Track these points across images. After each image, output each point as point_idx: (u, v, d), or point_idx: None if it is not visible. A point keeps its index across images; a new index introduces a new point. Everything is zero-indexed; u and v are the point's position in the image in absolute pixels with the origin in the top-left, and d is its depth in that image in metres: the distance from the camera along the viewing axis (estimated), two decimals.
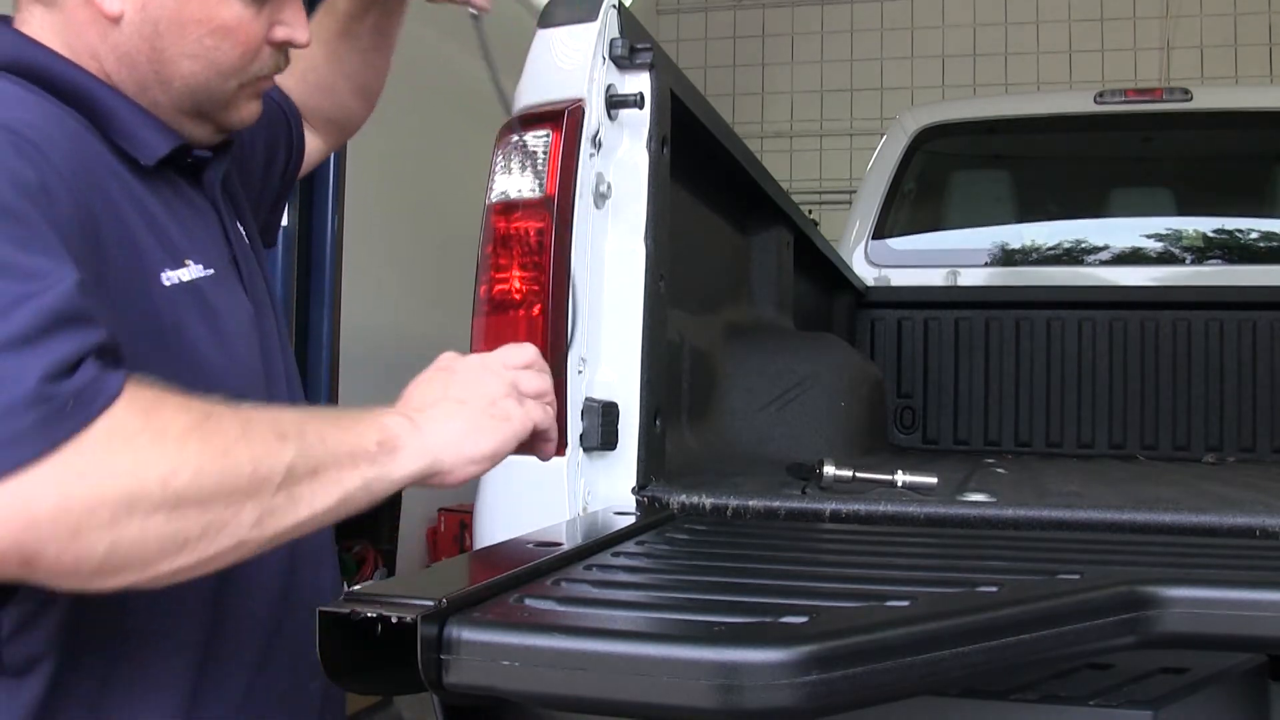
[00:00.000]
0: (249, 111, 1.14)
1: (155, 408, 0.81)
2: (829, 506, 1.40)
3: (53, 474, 0.75)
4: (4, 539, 0.74)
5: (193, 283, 1.05)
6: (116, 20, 1.02)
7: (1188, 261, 3.56)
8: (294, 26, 1.12)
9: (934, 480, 1.57)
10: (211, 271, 1.08)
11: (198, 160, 1.13)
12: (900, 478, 1.58)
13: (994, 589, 0.94)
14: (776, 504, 1.40)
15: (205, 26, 1.05)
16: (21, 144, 0.89)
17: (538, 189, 1.38)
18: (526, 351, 1.06)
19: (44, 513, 0.75)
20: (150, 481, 0.78)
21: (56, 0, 1.03)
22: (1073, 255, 3.64)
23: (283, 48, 1.13)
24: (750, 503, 1.39)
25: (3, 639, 0.94)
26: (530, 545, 1.07)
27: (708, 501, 1.39)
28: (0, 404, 0.75)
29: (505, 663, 0.78)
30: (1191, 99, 3.64)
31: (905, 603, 0.88)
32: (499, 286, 1.38)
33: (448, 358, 1.03)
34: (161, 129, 1.08)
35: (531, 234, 1.37)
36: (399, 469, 0.92)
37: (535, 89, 1.43)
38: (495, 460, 0.98)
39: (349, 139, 1.55)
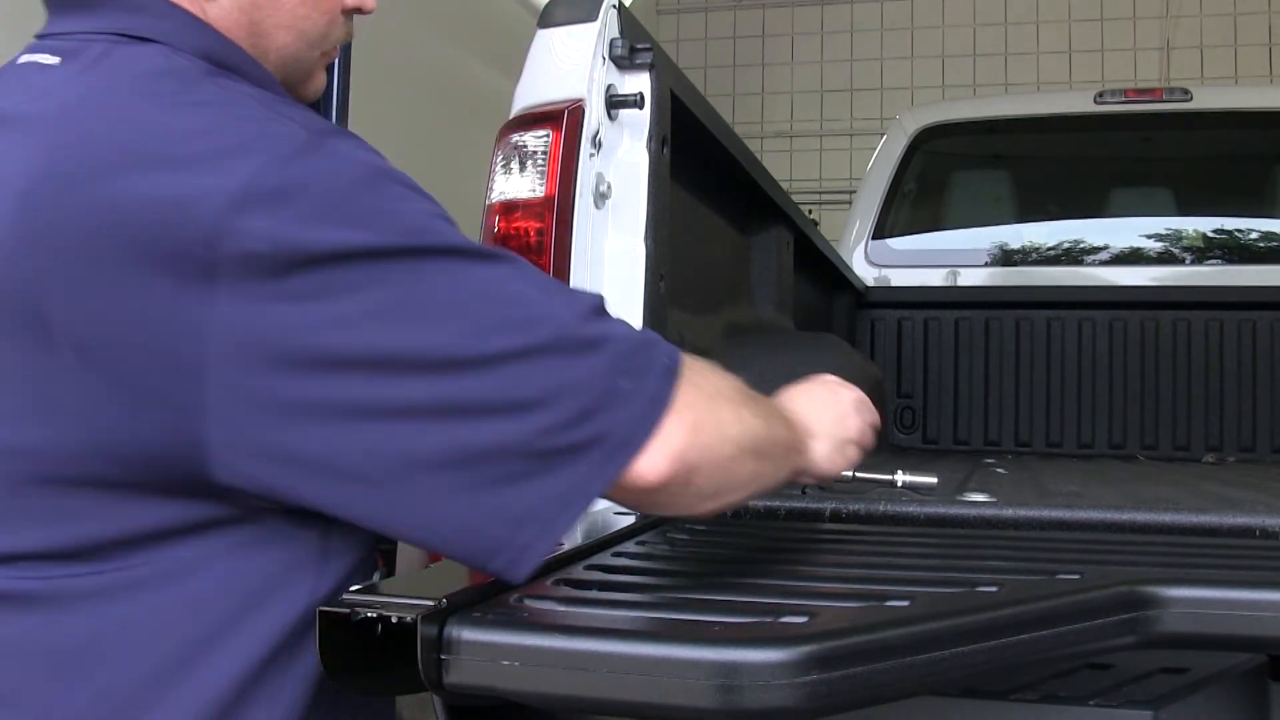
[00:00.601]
0: (321, 82, 1.13)
1: (714, 372, 0.96)
2: (829, 506, 1.40)
3: (706, 415, 0.89)
4: (686, 455, 0.86)
5: None
6: None
7: (1188, 261, 3.56)
8: None
9: (934, 480, 1.57)
10: None
11: None
12: (900, 478, 1.57)
13: (994, 589, 0.94)
14: (776, 504, 1.40)
15: None
16: None
17: (538, 189, 1.38)
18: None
19: (711, 443, 0.89)
20: (748, 432, 0.94)
21: None
22: (1072, 255, 3.64)
23: (350, 15, 1.12)
24: (750, 502, 1.39)
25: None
26: None
27: None
28: (644, 360, 0.87)
29: (505, 663, 0.78)
30: (1191, 99, 3.64)
31: (905, 603, 0.88)
32: None
33: (833, 381, 1.26)
34: None
35: (531, 234, 1.37)
36: (798, 464, 1.11)
37: (535, 89, 1.43)
38: (831, 479, 1.23)
39: None
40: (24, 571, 0.84)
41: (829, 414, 1.20)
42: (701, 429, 0.88)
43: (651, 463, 0.85)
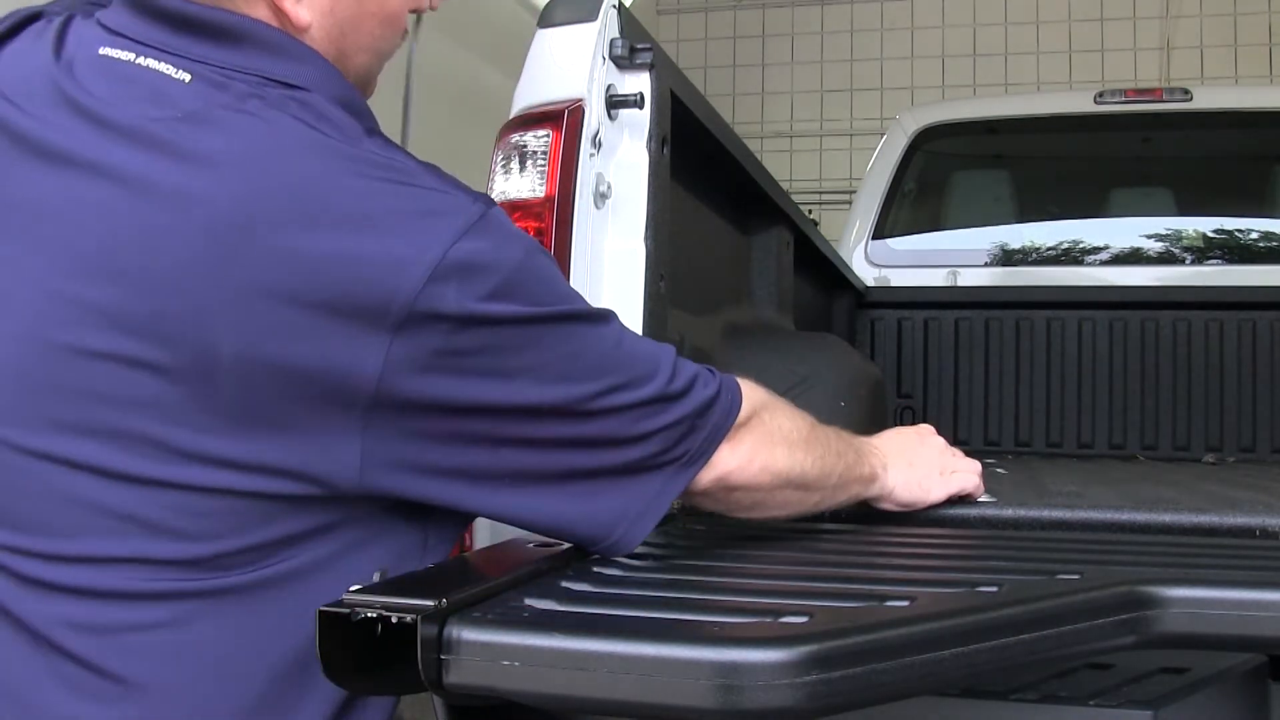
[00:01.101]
0: (375, 85, 1.14)
1: (785, 415, 1.15)
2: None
3: (761, 451, 1.11)
4: (730, 478, 1.09)
5: None
6: (305, 30, 1.00)
7: (1188, 261, 3.56)
8: None
9: None
10: None
11: None
12: None
13: (994, 589, 0.94)
14: None
15: (377, 18, 1.05)
16: None
17: (538, 189, 1.38)
18: (970, 463, 1.46)
19: (755, 473, 1.11)
20: (796, 469, 1.15)
21: None
22: (1073, 255, 3.64)
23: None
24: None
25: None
26: (530, 545, 1.07)
27: None
28: (711, 405, 1.05)
29: (505, 663, 0.78)
30: (1191, 99, 3.64)
31: (905, 603, 0.88)
32: None
33: (926, 429, 1.45)
34: None
35: (531, 234, 1.37)
36: (869, 492, 1.31)
37: (535, 89, 1.43)
38: (915, 508, 1.38)
39: None
40: (169, 575, 0.89)
41: (910, 452, 1.38)
42: (753, 460, 1.10)
43: (702, 475, 1.07)
